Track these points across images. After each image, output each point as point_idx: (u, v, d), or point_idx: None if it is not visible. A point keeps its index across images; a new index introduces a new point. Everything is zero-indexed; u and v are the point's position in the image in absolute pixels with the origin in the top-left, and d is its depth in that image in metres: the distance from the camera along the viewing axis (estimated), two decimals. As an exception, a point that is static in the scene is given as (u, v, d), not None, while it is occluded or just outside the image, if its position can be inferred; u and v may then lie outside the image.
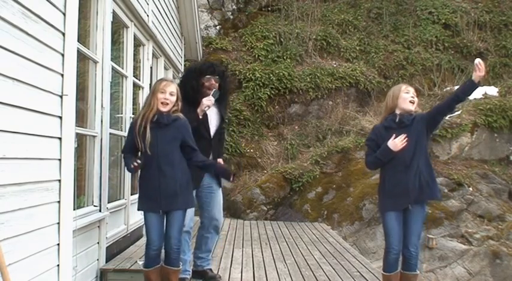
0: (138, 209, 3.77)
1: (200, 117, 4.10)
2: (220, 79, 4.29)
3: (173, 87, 3.67)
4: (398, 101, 3.77)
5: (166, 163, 3.59)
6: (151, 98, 3.67)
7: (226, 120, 5.16)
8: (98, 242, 4.36)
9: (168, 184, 3.58)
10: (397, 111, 3.79)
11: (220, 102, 4.36)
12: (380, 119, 4.03)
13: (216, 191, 4.34)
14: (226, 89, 4.48)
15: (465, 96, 3.72)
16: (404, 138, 3.65)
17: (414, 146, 3.69)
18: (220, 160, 4.50)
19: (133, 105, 5.65)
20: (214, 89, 4.15)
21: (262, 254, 5.82)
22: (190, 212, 4.02)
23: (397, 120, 3.75)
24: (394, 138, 3.68)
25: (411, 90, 3.82)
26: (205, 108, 4.09)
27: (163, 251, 3.73)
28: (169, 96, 3.63)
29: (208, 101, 4.07)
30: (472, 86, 3.61)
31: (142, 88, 6.10)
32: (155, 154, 3.58)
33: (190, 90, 4.18)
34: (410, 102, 3.74)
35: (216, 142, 4.37)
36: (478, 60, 3.62)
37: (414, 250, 3.71)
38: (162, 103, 3.61)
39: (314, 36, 11.52)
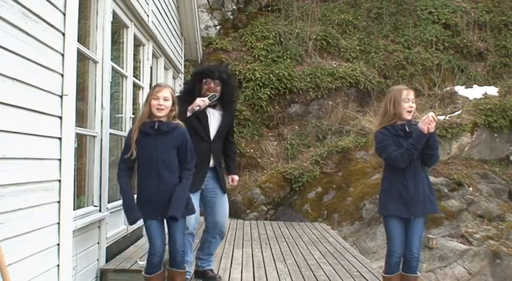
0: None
1: (188, 114, 3.96)
2: (221, 84, 4.16)
3: (166, 92, 3.62)
4: (398, 109, 3.69)
5: (165, 169, 3.57)
6: (145, 106, 3.67)
7: (234, 131, 4.95)
8: (98, 242, 4.36)
9: (167, 191, 3.56)
10: (399, 122, 3.71)
11: (225, 109, 4.26)
12: (379, 122, 3.85)
13: (220, 195, 4.28)
14: (229, 96, 4.27)
15: (428, 150, 3.63)
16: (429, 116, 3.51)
17: (421, 157, 3.67)
18: (235, 177, 4.48)
19: (133, 105, 5.65)
20: (212, 93, 4.03)
21: (262, 254, 5.81)
22: (195, 213, 4.00)
23: (407, 129, 3.66)
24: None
25: (411, 97, 3.70)
26: (196, 108, 3.95)
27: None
28: (163, 101, 3.59)
29: (201, 101, 3.94)
30: (422, 135, 3.53)
31: (142, 88, 6.10)
32: (155, 161, 3.57)
33: (187, 92, 4.19)
34: (408, 111, 3.69)
35: (218, 147, 4.26)
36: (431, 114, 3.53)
37: (416, 253, 3.72)
38: (157, 109, 3.59)
39: (314, 36, 11.52)
